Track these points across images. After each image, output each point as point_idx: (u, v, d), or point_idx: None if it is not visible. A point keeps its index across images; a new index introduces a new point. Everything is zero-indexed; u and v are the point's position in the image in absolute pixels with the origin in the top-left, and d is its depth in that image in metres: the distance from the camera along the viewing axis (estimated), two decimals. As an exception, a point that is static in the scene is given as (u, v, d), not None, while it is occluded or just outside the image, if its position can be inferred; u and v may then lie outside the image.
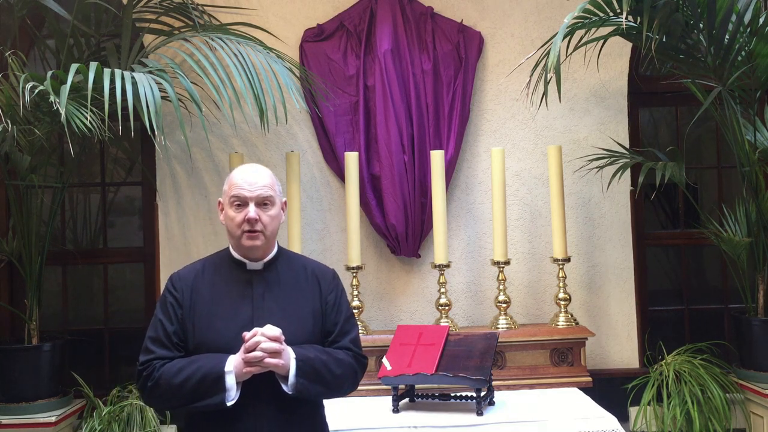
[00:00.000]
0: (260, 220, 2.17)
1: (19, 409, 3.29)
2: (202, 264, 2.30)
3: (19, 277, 3.58)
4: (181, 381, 2.06)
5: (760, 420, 3.48)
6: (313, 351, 2.16)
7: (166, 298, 2.21)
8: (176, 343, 2.15)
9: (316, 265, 2.35)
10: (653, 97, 4.08)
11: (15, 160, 3.34)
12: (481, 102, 3.93)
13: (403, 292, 3.89)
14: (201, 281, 2.22)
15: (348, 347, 2.25)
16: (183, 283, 2.22)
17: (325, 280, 2.30)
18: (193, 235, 3.82)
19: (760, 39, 3.20)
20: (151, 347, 2.15)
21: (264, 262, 2.25)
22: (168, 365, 2.11)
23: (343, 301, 2.31)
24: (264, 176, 2.21)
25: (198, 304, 2.18)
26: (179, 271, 2.29)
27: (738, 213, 3.65)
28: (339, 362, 2.19)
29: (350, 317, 2.31)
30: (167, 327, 2.16)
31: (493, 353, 3.12)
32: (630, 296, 3.91)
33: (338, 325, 2.26)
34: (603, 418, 2.97)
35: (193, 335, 2.16)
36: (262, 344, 2.05)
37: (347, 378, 2.22)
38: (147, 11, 3.61)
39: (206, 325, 2.16)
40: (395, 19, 3.79)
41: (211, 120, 3.68)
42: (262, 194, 2.18)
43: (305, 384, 2.10)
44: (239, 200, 2.17)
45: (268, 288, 2.22)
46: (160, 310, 2.20)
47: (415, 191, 3.75)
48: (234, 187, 2.19)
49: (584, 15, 3.12)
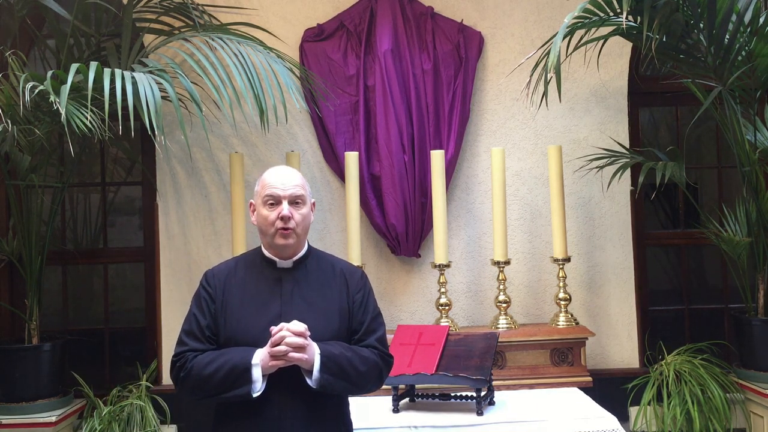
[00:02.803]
0: (293, 217, 2.24)
1: (19, 409, 3.29)
2: (235, 262, 2.39)
3: (19, 277, 3.58)
4: (211, 372, 2.15)
5: (760, 420, 3.49)
6: (339, 347, 2.22)
7: (200, 294, 2.30)
8: (208, 337, 2.24)
9: (345, 265, 2.42)
10: (653, 97, 4.08)
11: (15, 160, 3.34)
12: (481, 102, 3.93)
13: (403, 292, 3.89)
14: (233, 278, 2.31)
15: (374, 345, 2.30)
16: (216, 280, 2.31)
17: (353, 279, 2.36)
18: (193, 235, 3.83)
19: (760, 39, 3.20)
20: (185, 340, 2.24)
21: (294, 260, 2.32)
22: (199, 357, 2.19)
23: (370, 301, 2.37)
24: (295, 177, 2.32)
25: (230, 300, 2.27)
26: (213, 267, 2.38)
27: (738, 213, 3.65)
28: (364, 360, 2.24)
29: (377, 316, 2.38)
30: (200, 321, 2.25)
31: (493, 353, 3.12)
32: (630, 296, 3.91)
33: (365, 324, 2.32)
34: (603, 418, 2.97)
35: (224, 329, 2.24)
36: (287, 339, 2.12)
37: (372, 376, 2.27)
38: (147, 11, 3.61)
39: (237, 320, 2.24)
40: (395, 19, 3.79)
41: (211, 120, 3.68)
42: (295, 193, 2.27)
43: (329, 379, 2.16)
44: (273, 199, 2.26)
45: (297, 285, 2.29)
46: (195, 305, 2.29)
47: (415, 191, 3.75)
48: (267, 186, 2.27)
49: (584, 15, 3.12)
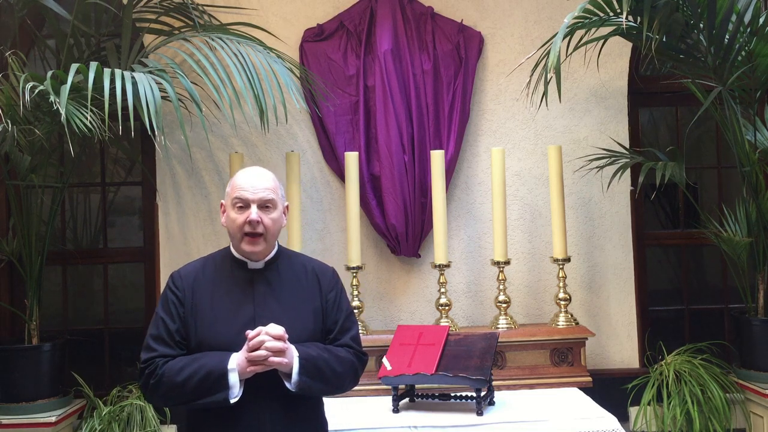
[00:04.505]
0: (262, 222, 2.19)
1: (19, 409, 3.28)
2: (203, 262, 2.32)
3: (19, 277, 3.58)
4: (184, 379, 2.08)
5: (760, 420, 3.48)
6: (316, 349, 2.19)
7: (167, 296, 2.22)
8: (178, 341, 2.17)
9: (316, 264, 2.38)
10: (653, 97, 4.08)
11: (15, 160, 3.34)
12: (481, 102, 3.93)
13: (403, 292, 3.89)
14: (202, 279, 2.24)
15: (349, 344, 2.28)
16: (184, 282, 2.23)
17: (325, 278, 2.32)
18: (193, 235, 3.82)
19: (760, 39, 3.20)
20: (153, 345, 2.16)
21: (265, 261, 2.27)
22: (170, 363, 2.12)
23: (343, 299, 2.33)
24: (267, 179, 2.24)
25: (200, 303, 2.20)
26: (180, 269, 2.30)
27: (738, 213, 3.65)
28: (340, 360, 2.22)
29: (350, 314, 2.34)
30: (169, 325, 2.17)
31: (493, 353, 3.12)
32: (630, 296, 3.91)
33: (339, 323, 2.29)
34: (603, 418, 2.97)
35: (195, 333, 2.17)
36: (267, 343, 2.07)
37: (348, 375, 2.25)
38: (147, 11, 3.60)
39: (208, 324, 2.17)
40: (395, 19, 3.79)
41: (211, 120, 3.68)
42: (264, 197, 2.20)
43: (308, 382, 2.13)
44: (241, 202, 2.19)
45: (270, 287, 2.24)
46: (162, 308, 2.21)
47: (415, 191, 3.75)
48: (237, 189, 2.21)
49: (584, 15, 3.13)
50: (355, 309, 3.55)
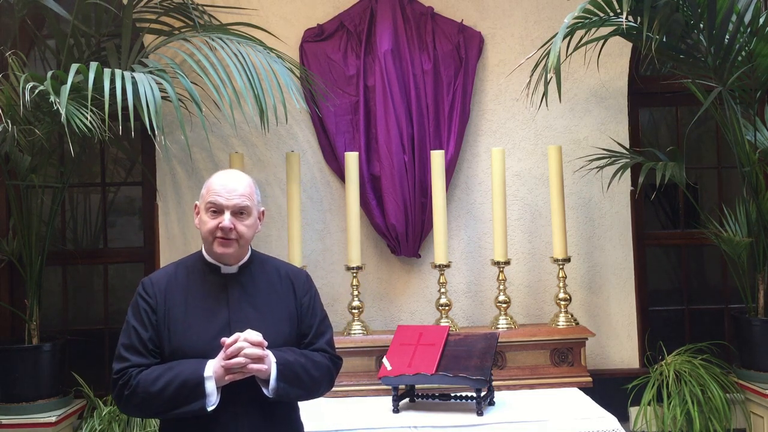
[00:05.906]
0: (235, 229, 2.14)
1: (19, 409, 3.29)
2: (174, 267, 2.26)
3: (19, 277, 3.58)
4: (160, 388, 2.03)
5: (760, 420, 3.48)
6: (292, 354, 2.15)
7: (138, 305, 2.15)
8: (151, 350, 2.11)
9: (290, 268, 2.34)
10: (653, 97, 4.08)
11: (15, 160, 3.34)
12: (481, 102, 3.93)
13: (403, 292, 3.89)
14: (174, 285, 2.18)
15: (324, 349, 2.25)
16: (156, 288, 2.17)
17: (299, 282, 2.28)
18: (193, 235, 3.82)
19: (760, 39, 3.20)
20: (125, 355, 2.09)
21: (239, 266, 2.22)
22: (144, 372, 2.06)
23: (317, 303, 2.30)
24: (243, 185, 2.18)
25: (173, 309, 2.14)
26: (151, 275, 2.24)
27: (738, 213, 3.65)
28: (316, 365, 2.19)
29: (324, 318, 2.31)
30: (142, 334, 2.10)
31: (493, 353, 3.12)
32: (630, 296, 3.91)
33: (314, 327, 2.26)
34: (603, 418, 2.97)
35: (168, 341, 2.11)
36: (246, 350, 2.02)
37: (324, 380, 2.22)
38: (147, 11, 3.61)
39: (182, 331, 2.12)
40: (395, 19, 3.79)
41: (211, 120, 3.67)
42: (239, 204, 2.15)
43: (286, 388, 2.09)
44: (215, 207, 2.15)
45: (244, 292, 2.19)
46: (133, 317, 2.14)
47: (415, 191, 3.75)
48: (211, 193, 2.16)
49: (584, 15, 3.13)
50: (355, 309, 3.56)
